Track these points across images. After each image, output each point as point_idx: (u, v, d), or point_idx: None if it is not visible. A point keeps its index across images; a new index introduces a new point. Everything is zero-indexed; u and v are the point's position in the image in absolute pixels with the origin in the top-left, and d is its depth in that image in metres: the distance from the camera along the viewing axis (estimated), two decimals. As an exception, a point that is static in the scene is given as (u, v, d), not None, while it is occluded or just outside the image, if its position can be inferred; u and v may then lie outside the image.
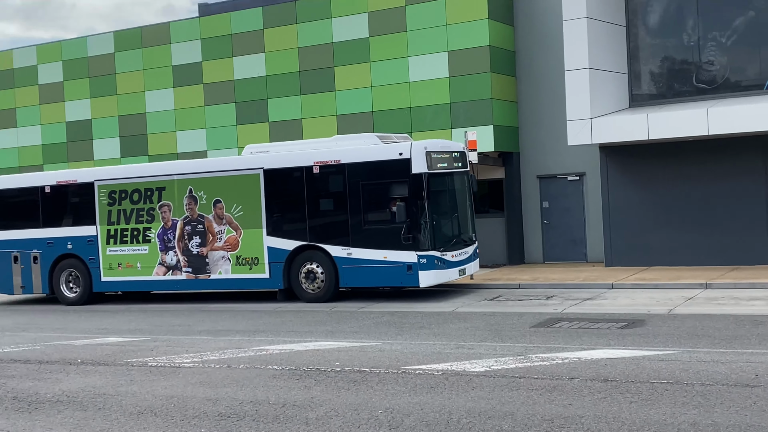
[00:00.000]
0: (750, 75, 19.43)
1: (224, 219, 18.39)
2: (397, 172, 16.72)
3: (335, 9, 23.34)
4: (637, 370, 9.42)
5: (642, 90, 20.60)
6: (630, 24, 20.52)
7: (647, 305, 14.68)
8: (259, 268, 18.08)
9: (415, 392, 8.94)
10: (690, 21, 19.88)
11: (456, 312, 15.39)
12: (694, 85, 19.96)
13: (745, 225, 19.09)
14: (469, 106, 21.69)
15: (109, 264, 19.68)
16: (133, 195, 19.39)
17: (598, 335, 12.02)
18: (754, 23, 19.21)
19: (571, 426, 7.33)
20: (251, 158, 18.48)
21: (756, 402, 7.75)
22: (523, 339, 12.06)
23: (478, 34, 21.50)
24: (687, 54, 20.09)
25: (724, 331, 11.84)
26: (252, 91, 24.68)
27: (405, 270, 16.66)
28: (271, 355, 11.77)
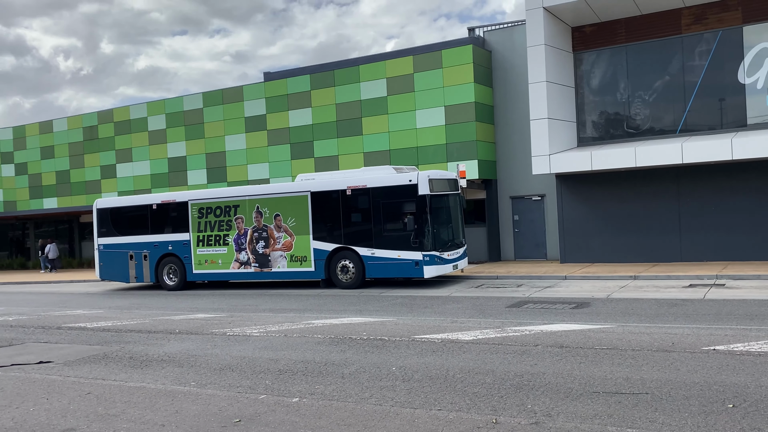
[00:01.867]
0: (666, 122, 19.32)
1: (282, 228, 18.44)
2: (408, 194, 16.81)
3: (363, 75, 23.44)
4: (584, 339, 9.36)
5: (586, 134, 20.52)
6: (577, 85, 20.49)
7: (591, 291, 14.57)
8: (307, 264, 18.14)
9: (421, 355, 8.92)
10: (622, 83, 19.81)
11: (451, 296, 15.32)
12: (625, 130, 19.87)
13: (663, 232, 18.94)
14: (460, 146, 21.68)
15: (199, 261, 19.77)
16: (216, 210, 19.49)
17: (556, 313, 11.95)
18: (669, 84, 19.12)
19: (537, 380, 7.28)
20: (301, 183, 18.51)
21: (672, 363, 7.68)
22: (500, 316, 12.00)
23: (466, 94, 21.51)
24: (619, 107, 20.01)
25: (648, 310, 11.74)
26: (302, 135, 24.77)
27: (413, 265, 16.72)
28: (316, 327, 11.76)
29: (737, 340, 8.64)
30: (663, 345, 8.66)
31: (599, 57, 20.18)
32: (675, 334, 9.34)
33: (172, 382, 8.21)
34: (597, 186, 19.87)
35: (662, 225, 18.94)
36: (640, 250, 19.18)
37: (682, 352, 8.20)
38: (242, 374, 8.42)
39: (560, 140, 19.71)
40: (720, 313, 11.04)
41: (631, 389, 6.73)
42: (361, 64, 23.54)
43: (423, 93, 22.29)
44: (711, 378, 6.95)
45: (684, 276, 15.87)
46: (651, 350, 8.39)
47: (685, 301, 12.62)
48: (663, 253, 18.90)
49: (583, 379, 7.18)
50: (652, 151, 17.85)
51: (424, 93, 22.27)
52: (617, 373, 7.38)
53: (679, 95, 18.97)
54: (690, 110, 18.80)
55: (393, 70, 22.85)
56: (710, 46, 18.48)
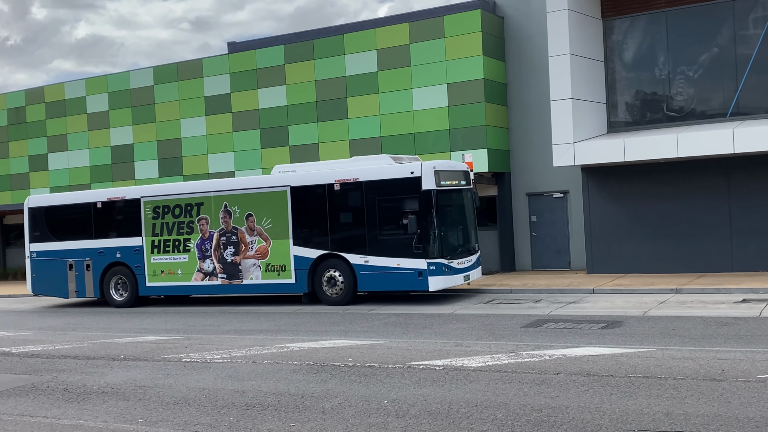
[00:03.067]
0: (714, 105, 19.41)
1: (255, 231, 18.33)
2: (409, 189, 16.62)
3: (348, 46, 23.43)
4: (616, 365, 9.37)
5: (618, 118, 20.60)
6: (608, 59, 20.55)
7: (624, 308, 14.61)
8: (286, 275, 18.01)
9: (419, 385, 8.91)
10: (661, 57, 19.89)
11: (455, 314, 15.34)
12: (664, 114, 19.95)
13: (710, 237, 19.02)
14: (465, 132, 21.71)
15: (153, 271, 19.65)
16: (175, 210, 19.40)
17: (581, 334, 11.97)
18: (718, 58, 19.21)
19: (558, 415, 7.29)
20: (279, 177, 18.38)
21: (722, 394, 7.70)
22: (514, 338, 12.01)
23: (474, 69, 21.54)
24: (658, 86, 20.09)
25: (693, 331, 11.78)
26: (274, 118, 24.74)
27: (416, 276, 16.53)
28: (291, 351, 11.74)
29: (800, 367, 8.68)
30: (711, 373, 8.68)
31: (634, 24, 20.25)
32: (725, 360, 9.37)
33: (116, 419, 8.16)
34: (631, 181, 19.93)
35: (709, 228, 19.03)
36: (683, 259, 19.25)
37: (734, 381, 8.22)
38: (201, 409, 8.38)
39: (587, 125, 19.77)
40: (779, 333, 11.10)
41: (672, 426, 6.74)
42: (347, 33, 23.55)
43: (421, 68, 22.31)
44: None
45: (736, 289, 15.94)
46: (696, 379, 8.40)
47: (737, 319, 12.68)
48: (710, 262, 18.99)
49: (615, 415, 7.19)
50: (698, 139, 17.92)
51: (422, 68, 22.30)
52: (655, 406, 7.39)
53: (730, 71, 19.07)
54: (743, 89, 18.90)
55: (385, 41, 22.86)
56: (767, 12, 18.57)
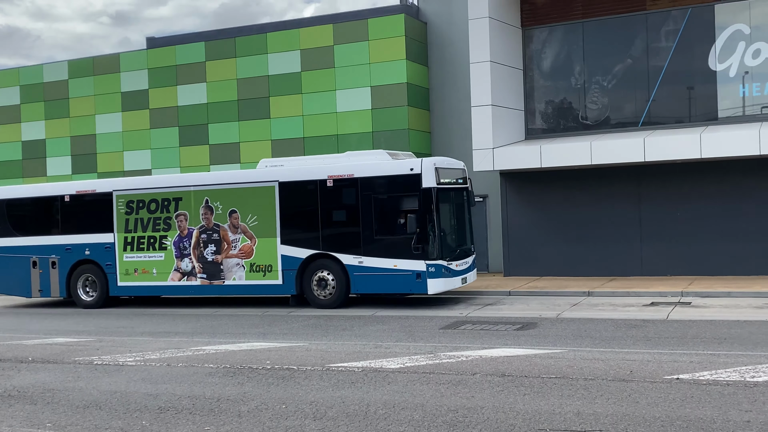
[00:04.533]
0: (627, 114, 20.08)
1: (239, 228, 17.37)
2: (408, 187, 15.98)
3: (271, 46, 23.24)
4: (530, 366, 9.57)
5: (536, 125, 21.07)
6: (526, 68, 21.01)
7: (539, 310, 14.94)
8: (273, 275, 17.11)
9: (337, 387, 8.89)
10: (577, 66, 20.46)
11: (375, 316, 15.38)
12: (580, 122, 20.53)
13: (621, 241, 19.66)
14: (389, 135, 21.83)
15: (126, 270, 18.52)
16: (151, 205, 18.27)
17: (497, 336, 12.18)
18: (631, 69, 19.88)
19: (473, 415, 7.39)
20: (267, 171, 17.52)
21: (631, 395, 7.96)
22: (432, 339, 12.13)
23: (397, 73, 21.69)
24: (574, 95, 20.66)
25: (603, 332, 12.14)
26: (194, 116, 24.31)
27: (414, 278, 15.83)
28: (207, 354, 11.54)
29: (703, 368, 9.05)
30: (620, 373, 8.96)
31: (552, 34, 20.78)
32: (634, 361, 9.69)
33: (22, 424, 7.85)
34: (547, 186, 20.42)
35: (621, 233, 19.67)
36: (596, 262, 19.84)
37: (642, 381, 8.51)
38: (112, 413, 8.15)
39: (506, 132, 20.15)
40: (685, 336, 11.54)
41: (582, 426, 6.92)
42: (270, 32, 23.37)
43: (345, 70, 22.32)
44: (674, 412, 7.24)
45: (645, 293, 16.52)
46: (606, 379, 8.66)
47: (645, 321, 13.13)
48: (621, 266, 19.63)
49: (528, 414, 7.34)
50: (611, 147, 18.51)
51: (346, 70, 22.31)
52: (567, 406, 7.58)
53: (642, 82, 19.77)
54: (654, 100, 19.62)
55: (309, 41, 22.78)
56: (678, 26, 19.36)
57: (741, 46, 18.66)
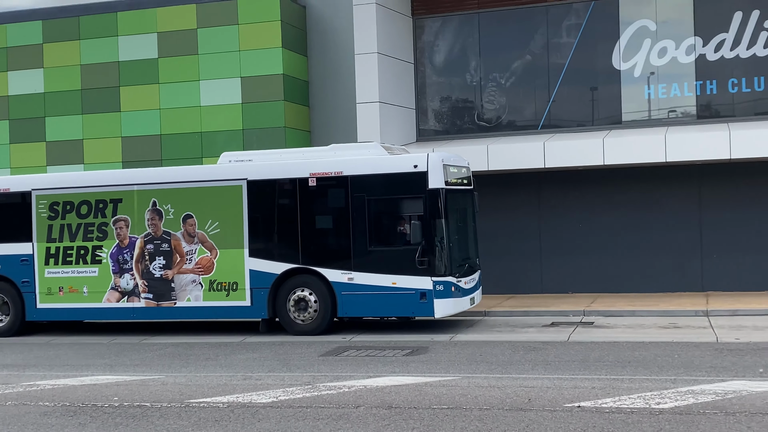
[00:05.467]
0: (526, 115, 20.75)
1: (196, 237, 16.08)
2: (411, 187, 15.08)
3: (122, 27, 22.60)
4: (419, 396, 9.70)
5: (428, 125, 21.45)
6: (417, 61, 21.36)
7: (431, 333, 15.16)
8: (239, 295, 15.87)
9: (198, 426, 8.72)
10: (473, 61, 20.98)
11: (244, 342, 15.20)
12: (476, 123, 21.04)
13: (520, 256, 20.24)
14: (262, 133, 21.63)
15: (48, 288, 16.94)
16: (81, 207, 16.78)
17: (384, 362, 12.28)
18: (531, 66, 20.56)
19: (356, 454, 7.41)
20: (231, 167, 16.33)
21: (529, 425, 8.19)
22: (311, 368, 12.10)
23: (272, 63, 21.54)
24: (470, 93, 21.16)
25: (500, 356, 12.45)
26: (28, 108, 23.30)
27: (417, 298, 14.90)
28: (42, 390, 11.07)
29: (606, 394, 9.44)
30: (517, 402, 9.21)
31: (445, 25, 21.23)
32: (532, 388, 9.98)
33: None
34: (441, 194, 20.77)
35: (520, 247, 20.25)
36: (493, 279, 20.26)
37: (541, 410, 8.79)
38: None
39: (395, 132, 20.37)
40: (587, 359, 12.01)
41: (476, 461, 7.07)
42: (122, 11, 22.73)
43: (211, 57, 21.98)
44: (574, 442, 7.51)
45: (545, 312, 17.08)
46: (503, 409, 8.89)
47: (545, 344, 13.57)
48: (521, 283, 20.21)
49: (417, 451, 7.43)
50: (509, 152, 19.04)
51: (212, 57, 21.98)
52: (460, 440, 7.72)
53: (542, 80, 20.48)
54: (555, 100, 20.37)
55: (168, 23, 22.31)
56: (581, 20, 20.19)
57: (647, 44, 19.66)
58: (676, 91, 19.61)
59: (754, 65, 19.05)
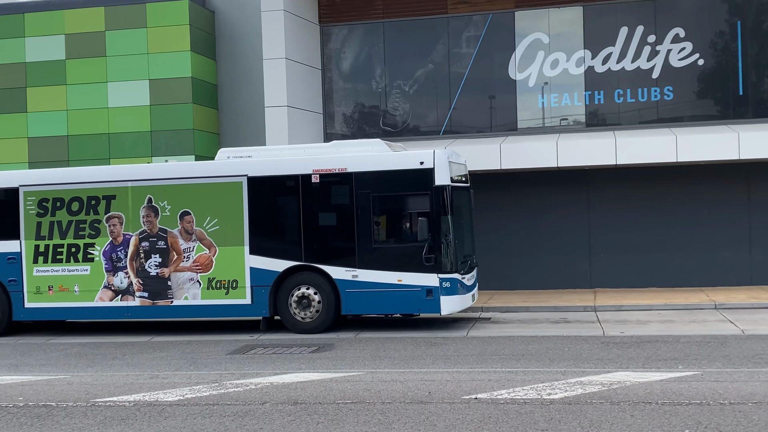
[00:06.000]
0: (429, 121, 20.98)
1: (194, 234, 15.31)
2: (417, 184, 14.62)
3: (29, 28, 21.83)
4: (324, 392, 9.67)
5: (335, 129, 21.44)
6: (325, 68, 21.34)
7: (336, 330, 15.14)
8: (239, 293, 15.13)
9: (104, 425, 8.47)
10: (378, 69, 21.09)
11: (151, 342, 14.87)
12: (381, 128, 21.15)
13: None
14: (170, 135, 21.24)
15: (37, 287, 15.95)
16: (72, 204, 15.84)
17: (291, 360, 12.21)
18: (433, 75, 20.81)
19: (262, 449, 7.33)
20: (231, 164, 15.53)
21: (428, 417, 8.26)
22: (218, 366, 11.93)
23: (181, 66, 21.18)
24: (375, 99, 21.27)
25: (403, 352, 12.54)
26: (-69, 107, 22.27)
27: (423, 295, 14.43)
28: (-57, 392, 10.57)
29: (501, 386, 9.60)
30: (418, 395, 9.29)
31: (352, 33, 21.27)
32: (433, 381, 10.09)
33: None
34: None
35: (422, 246, 20.41)
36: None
37: (440, 403, 8.88)
38: None
39: (303, 135, 20.30)
40: (484, 353, 12.21)
41: (378, 454, 7.10)
42: (29, 12, 21.96)
43: (119, 59, 21.46)
44: (471, 433, 7.61)
45: (446, 309, 17.26)
46: (404, 402, 8.94)
47: (445, 339, 13.75)
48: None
49: (321, 445, 7.40)
50: (413, 155, 19.20)
51: (120, 60, 21.46)
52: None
53: (443, 88, 20.74)
54: (456, 107, 20.66)
55: (76, 25, 21.66)
56: (479, 32, 20.54)
57: (540, 56, 20.14)
58: (567, 101, 20.16)
59: (638, 77, 19.74)
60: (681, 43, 19.51)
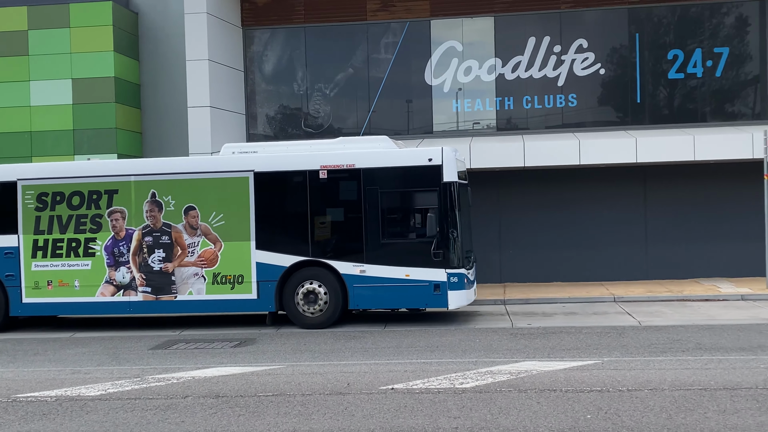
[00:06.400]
0: (349, 123, 20.98)
1: (199, 229, 14.69)
2: (425, 180, 14.26)
3: (-51, 25, 20.93)
4: (246, 385, 9.57)
5: (258, 130, 21.24)
6: (248, 70, 21.12)
7: (260, 324, 15.02)
8: (244, 288, 14.56)
9: (25, 420, 8.19)
10: (300, 72, 20.99)
11: (73, 338, 14.45)
12: (302, 129, 21.05)
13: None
14: (93, 134, 20.68)
15: (35, 282, 15.08)
16: (73, 198, 15.02)
17: (213, 354, 12.04)
18: (353, 79, 20.83)
19: (184, 442, 7.21)
20: (237, 159, 14.93)
21: (347, 408, 8.27)
22: (140, 361, 11.67)
23: (104, 65, 20.64)
24: (297, 101, 21.15)
25: (323, 345, 12.51)
26: None
27: (431, 290, 14.10)
28: None
29: (417, 377, 9.68)
30: (337, 387, 9.28)
31: (274, 37, 21.10)
32: (351, 373, 10.10)
33: None
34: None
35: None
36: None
37: (358, 394, 8.89)
38: None
39: (226, 135, 20.04)
40: (400, 345, 12.28)
41: (298, 443, 7.07)
42: (-52, 9, 21.04)
43: (41, 59, 20.76)
44: (387, 423, 7.65)
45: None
46: (324, 394, 8.93)
47: (364, 332, 13.77)
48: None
49: (243, 436, 7.33)
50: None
51: (43, 59, 20.76)
52: (283, 424, 7.68)
53: (363, 92, 20.78)
54: (375, 110, 20.72)
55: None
56: (397, 39, 20.65)
57: (454, 63, 20.38)
58: (479, 106, 20.46)
59: (544, 85, 20.18)
60: (584, 54, 20.04)
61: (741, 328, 12.91)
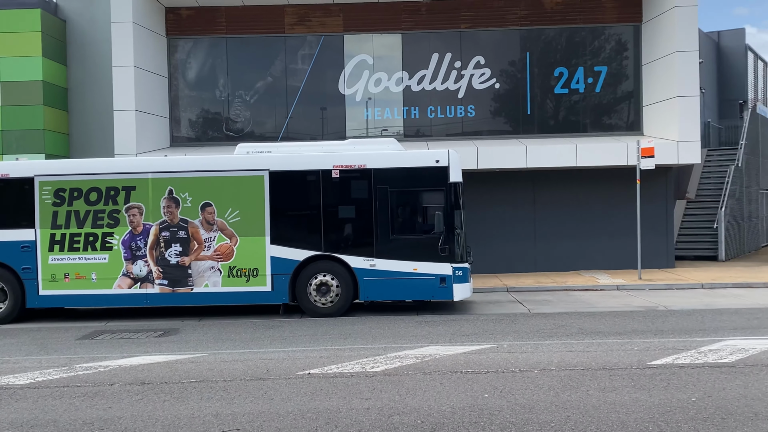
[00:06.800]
0: (268, 128, 20.77)
1: (215, 225, 14.26)
2: (433, 180, 14.13)
3: None
4: (170, 372, 9.35)
5: (181, 133, 20.77)
6: (171, 76, 20.63)
7: (182, 315, 14.71)
8: (259, 280, 14.21)
9: (-48, 411, 7.76)
10: (221, 79, 20.63)
11: (1, 329, 13.78)
12: (224, 132, 20.71)
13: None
14: (21, 135, 19.79)
15: (52, 275, 14.31)
16: (90, 194, 14.33)
17: (138, 344, 11.70)
18: (272, 87, 20.63)
19: (110, 427, 6.98)
20: (253, 158, 14.47)
21: (267, 392, 8.18)
22: (68, 351, 11.23)
23: (32, 70, 19.80)
24: (218, 106, 20.79)
25: (243, 334, 12.33)
26: None
27: (437, 283, 13.99)
28: None
29: (331, 362, 9.66)
30: (257, 373, 9.17)
31: (197, 46, 20.67)
32: (271, 360, 9.99)
33: None
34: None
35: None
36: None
37: (277, 379, 8.81)
38: None
39: (150, 138, 19.54)
40: (316, 333, 12.23)
41: (221, 426, 6.94)
42: None
43: (-31, 61, 19.76)
44: (305, 405, 7.60)
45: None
46: (244, 380, 8.80)
47: (282, 322, 13.65)
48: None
49: (167, 421, 7.15)
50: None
51: (-30, 61, 19.77)
52: (206, 409, 7.54)
53: (281, 99, 20.59)
54: (292, 117, 20.57)
55: (-76, 25, 19.72)
56: (313, 51, 20.55)
57: (366, 74, 20.44)
58: (388, 115, 20.58)
59: (446, 97, 20.47)
60: (482, 69, 20.42)
61: (617, 314, 13.42)
